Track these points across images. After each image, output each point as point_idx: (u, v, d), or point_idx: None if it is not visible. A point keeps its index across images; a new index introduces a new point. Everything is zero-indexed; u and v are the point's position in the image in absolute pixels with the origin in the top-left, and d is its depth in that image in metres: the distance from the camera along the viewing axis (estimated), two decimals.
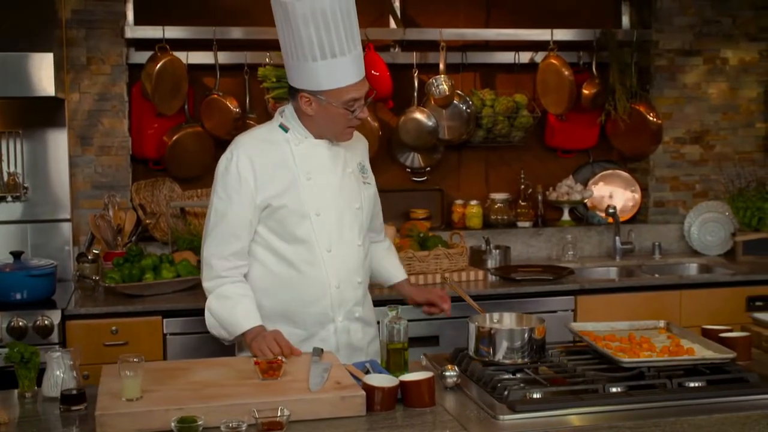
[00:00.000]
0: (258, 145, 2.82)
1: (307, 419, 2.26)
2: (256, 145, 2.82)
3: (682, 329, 2.92)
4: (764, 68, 5.36)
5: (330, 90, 2.73)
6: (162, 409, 2.20)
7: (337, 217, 2.84)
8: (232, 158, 2.79)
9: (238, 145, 2.82)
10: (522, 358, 2.65)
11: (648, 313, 4.23)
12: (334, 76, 2.71)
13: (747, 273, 4.60)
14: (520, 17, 5.21)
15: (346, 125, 2.79)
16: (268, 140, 2.84)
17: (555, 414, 2.29)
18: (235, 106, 4.70)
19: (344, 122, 2.78)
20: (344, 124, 2.79)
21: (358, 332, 2.93)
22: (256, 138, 2.86)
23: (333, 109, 2.75)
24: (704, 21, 5.24)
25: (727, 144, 5.36)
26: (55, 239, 4.41)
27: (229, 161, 2.80)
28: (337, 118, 2.77)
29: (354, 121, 2.79)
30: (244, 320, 2.76)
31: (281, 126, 2.86)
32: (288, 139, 2.84)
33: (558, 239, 5.12)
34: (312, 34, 2.67)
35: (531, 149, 5.31)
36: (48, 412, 2.42)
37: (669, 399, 2.38)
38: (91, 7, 4.50)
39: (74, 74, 4.51)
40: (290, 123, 2.85)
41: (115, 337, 3.82)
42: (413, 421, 2.27)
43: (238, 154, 2.79)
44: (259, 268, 2.87)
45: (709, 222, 5.18)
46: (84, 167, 4.57)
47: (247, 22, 4.84)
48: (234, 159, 2.79)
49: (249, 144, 2.82)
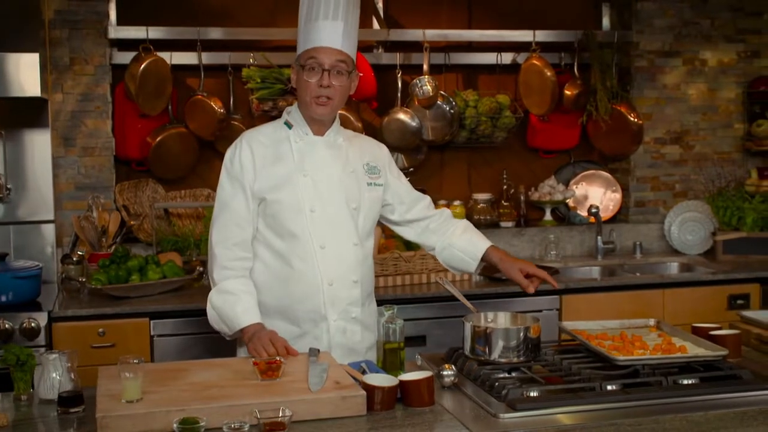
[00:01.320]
0: (261, 139, 2.90)
1: (307, 419, 2.26)
2: (259, 139, 2.90)
3: (673, 327, 2.95)
4: (742, 69, 5.43)
5: (302, 52, 2.83)
6: (163, 411, 2.19)
7: (333, 214, 2.86)
8: (236, 150, 2.88)
9: (243, 137, 2.92)
10: (518, 357, 2.67)
11: (632, 311, 4.29)
12: (308, 38, 2.82)
13: (728, 272, 4.66)
14: (501, 18, 5.24)
15: (312, 95, 2.80)
16: (271, 135, 2.91)
17: (555, 412, 2.31)
18: (219, 106, 4.69)
19: (309, 91, 2.80)
20: (310, 94, 2.80)
21: (356, 334, 2.92)
22: (261, 132, 2.94)
23: (301, 73, 2.82)
24: (683, 23, 5.30)
25: (707, 144, 5.42)
26: (38, 241, 4.38)
27: (233, 153, 2.89)
28: (303, 85, 2.82)
29: (318, 91, 2.79)
30: (243, 316, 2.77)
31: (286, 123, 2.93)
32: (290, 135, 2.90)
33: (540, 239, 5.16)
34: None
35: (513, 150, 5.34)
36: (45, 414, 2.40)
37: (666, 396, 2.40)
38: (74, 7, 4.48)
39: (57, 74, 4.48)
40: (294, 119, 2.91)
41: (102, 339, 3.79)
42: (414, 420, 2.28)
43: (242, 145, 2.88)
44: (257, 264, 2.90)
45: (689, 221, 5.24)
46: (67, 168, 4.54)
47: (230, 22, 4.84)
48: (237, 150, 2.88)
49: (253, 137, 2.91)
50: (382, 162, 3.06)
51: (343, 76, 2.82)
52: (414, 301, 4.16)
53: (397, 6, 5.11)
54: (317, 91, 2.80)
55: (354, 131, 3.18)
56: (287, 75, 4.65)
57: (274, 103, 4.67)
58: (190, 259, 4.38)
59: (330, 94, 2.81)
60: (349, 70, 2.84)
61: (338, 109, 2.91)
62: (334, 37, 2.80)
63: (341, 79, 2.82)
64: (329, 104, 2.84)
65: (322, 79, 2.79)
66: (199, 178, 4.87)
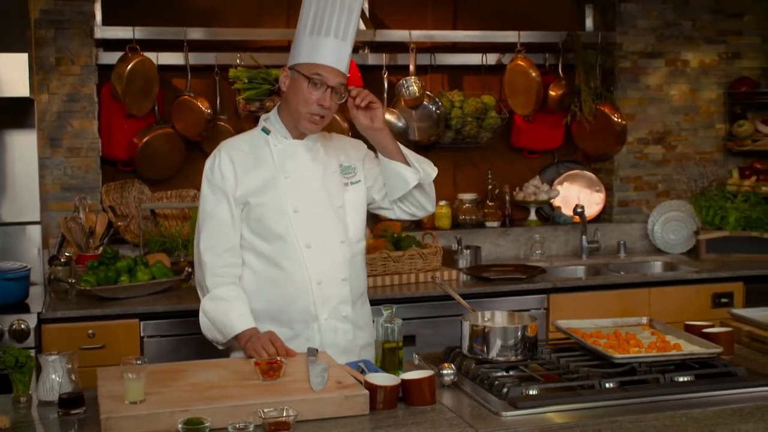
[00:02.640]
0: (239, 146, 2.92)
1: (310, 419, 2.27)
2: (237, 146, 2.92)
3: (666, 325, 2.99)
4: (723, 70, 5.49)
5: (305, 63, 2.81)
6: (167, 411, 2.20)
7: (317, 213, 2.88)
8: (215, 159, 2.90)
9: (221, 146, 2.94)
10: (515, 355, 2.68)
11: (619, 310, 4.34)
12: (314, 52, 2.81)
13: (712, 271, 4.71)
14: (485, 19, 5.27)
15: (308, 110, 2.80)
16: (249, 142, 2.94)
17: (555, 410, 2.33)
18: (206, 107, 4.68)
19: (307, 104, 2.80)
20: (308, 109, 2.80)
21: (348, 333, 2.93)
22: (239, 140, 2.98)
23: (301, 82, 2.80)
24: (666, 24, 5.36)
25: (688, 144, 5.48)
26: (22, 242, 4.33)
27: (212, 163, 2.90)
28: (302, 96, 2.80)
29: (317, 109, 2.80)
30: (237, 322, 2.77)
31: (264, 129, 2.94)
32: (268, 140, 2.92)
33: (526, 239, 5.19)
34: (313, 7, 2.82)
35: (497, 150, 5.37)
36: (45, 416, 2.39)
37: (664, 393, 2.43)
38: (60, 6, 4.44)
39: (43, 75, 4.44)
40: (272, 125, 2.93)
41: (92, 340, 3.78)
42: (417, 419, 2.29)
43: (221, 154, 2.90)
44: (245, 271, 2.90)
45: (672, 221, 5.29)
46: (53, 169, 4.51)
47: (215, 23, 4.83)
48: (216, 160, 2.89)
49: (231, 145, 2.94)
50: (356, 159, 3.05)
51: (338, 96, 2.84)
52: (403, 300, 4.16)
53: (383, 7, 5.12)
54: (316, 108, 2.80)
55: (333, 132, 3.18)
56: (274, 75, 4.63)
57: (261, 103, 4.66)
58: (178, 259, 4.37)
59: (326, 114, 2.83)
60: (346, 91, 2.86)
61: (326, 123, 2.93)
62: (342, 59, 2.82)
63: (337, 98, 2.84)
64: (320, 123, 2.86)
65: (324, 98, 2.79)
66: (185, 178, 4.85)
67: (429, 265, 4.44)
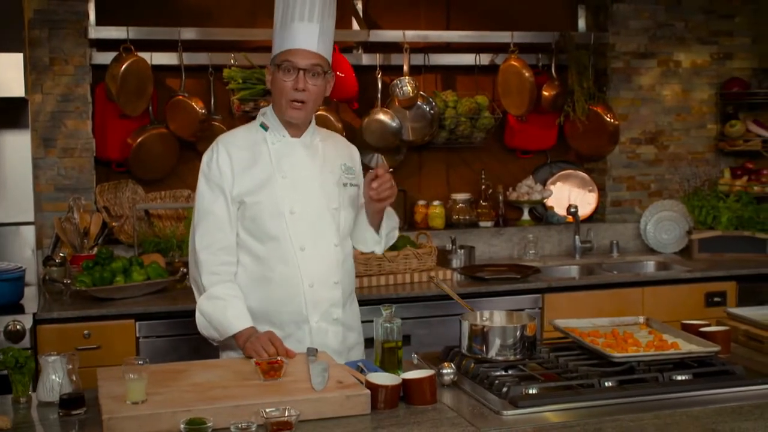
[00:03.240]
0: (236, 142, 2.90)
1: (312, 419, 2.27)
2: (234, 142, 2.90)
3: (662, 324, 3.00)
4: (715, 71, 5.51)
5: (278, 53, 2.84)
6: (169, 412, 2.20)
7: (313, 215, 2.87)
8: (213, 154, 2.88)
9: (218, 142, 2.91)
10: (514, 355, 2.69)
11: (613, 309, 4.36)
12: (284, 40, 2.83)
13: (704, 270, 4.74)
14: (478, 20, 5.28)
15: (287, 97, 2.81)
16: (247, 138, 2.91)
17: (556, 408, 2.34)
18: (200, 107, 4.67)
19: (285, 93, 2.80)
20: (286, 96, 2.81)
21: (337, 335, 2.93)
22: (236, 135, 2.94)
23: (275, 73, 2.82)
24: (658, 24, 5.38)
25: (680, 144, 5.50)
26: (15, 242, 4.30)
27: (210, 158, 2.88)
28: (278, 86, 2.82)
29: (293, 93, 2.80)
30: (235, 321, 2.76)
31: (262, 125, 2.93)
32: (266, 137, 2.90)
33: (519, 238, 5.20)
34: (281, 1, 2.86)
35: (490, 150, 5.38)
36: (45, 417, 2.38)
37: (664, 392, 2.44)
38: (54, 6, 4.43)
39: (36, 75, 4.43)
40: (270, 121, 2.91)
41: (88, 341, 3.77)
42: (419, 418, 2.30)
43: (218, 149, 2.87)
44: (238, 269, 2.89)
45: (664, 221, 5.31)
46: (47, 169, 4.49)
47: (208, 23, 4.82)
48: (214, 155, 2.87)
49: (228, 140, 2.91)
50: (356, 163, 3.08)
51: (318, 78, 2.83)
52: (398, 300, 4.16)
53: (376, 7, 5.13)
54: (292, 94, 2.80)
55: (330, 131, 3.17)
56: None
57: (256, 103, 4.66)
58: (173, 260, 4.36)
59: (305, 98, 2.81)
60: (324, 71, 2.84)
61: (313, 111, 2.92)
62: (310, 38, 2.81)
63: (316, 80, 2.82)
64: (304, 108, 2.84)
65: (297, 81, 2.79)
66: (178, 178, 4.85)
67: (424, 265, 4.45)
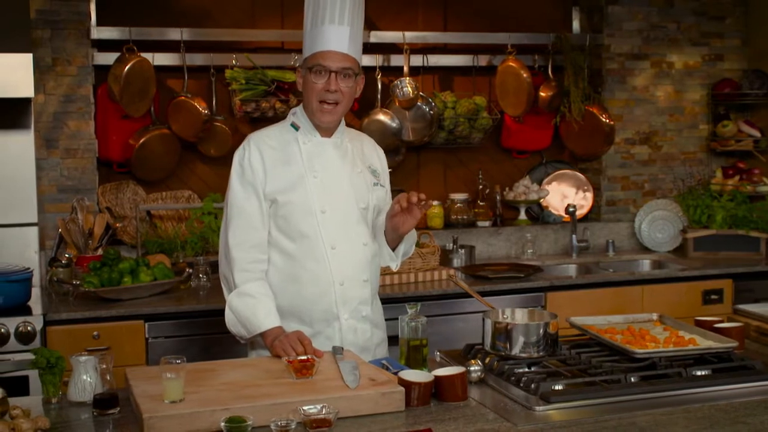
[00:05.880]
0: (268, 141, 2.91)
1: (348, 416, 2.30)
2: (266, 141, 2.91)
3: (676, 321, 3.06)
4: (706, 72, 5.59)
5: (309, 56, 2.87)
6: (208, 410, 2.21)
7: (343, 215, 2.90)
8: (245, 153, 2.90)
9: (250, 140, 2.93)
10: (537, 352, 2.73)
11: (613, 307, 4.43)
12: (315, 43, 2.86)
13: (701, 268, 4.81)
14: (474, 21, 5.32)
15: (318, 98, 2.83)
16: (278, 137, 2.93)
17: (587, 403, 2.38)
18: (203, 107, 4.67)
19: (316, 95, 2.83)
20: (317, 97, 2.84)
21: (366, 332, 2.96)
22: (267, 135, 2.95)
23: (306, 75, 2.86)
24: (651, 26, 5.45)
25: (673, 145, 5.58)
26: (19, 244, 4.28)
27: (242, 156, 2.90)
28: (309, 88, 2.85)
29: (325, 95, 2.83)
30: (264, 320, 2.79)
31: (293, 125, 2.95)
32: (297, 137, 2.92)
33: (517, 238, 5.25)
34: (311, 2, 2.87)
35: (487, 150, 5.43)
36: (78, 417, 2.38)
37: (689, 386, 2.49)
38: (56, 7, 4.41)
39: (39, 75, 4.40)
40: (300, 121, 2.94)
41: (97, 342, 3.75)
42: (453, 414, 2.33)
43: (250, 148, 2.89)
44: (269, 267, 2.91)
45: (658, 220, 5.38)
46: (49, 170, 4.47)
47: (207, 24, 4.83)
48: (246, 153, 2.89)
49: (260, 139, 2.92)
50: (382, 165, 3.11)
51: (350, 79, 2.86)
52: (403, 300, 4.17)
53: (374, 9, 5.13)
54: (323, 95, 2.83)
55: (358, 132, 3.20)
56: (271, 76, 4.67)
57: (257, 104, 4.68)
58: (177, 260, 4.36)
59: (336, 99, 2.84)
60: (355, 73, 2.88)
61: (344, 113, 2.95)
62: (341, 41, 2.84)
63: (348, 82, 2.86)
64: (335, 111, 2.87)
65: (329, 83, 2.82)
66: (178, 179, 4.84)
67: (427, 265, 4.48)
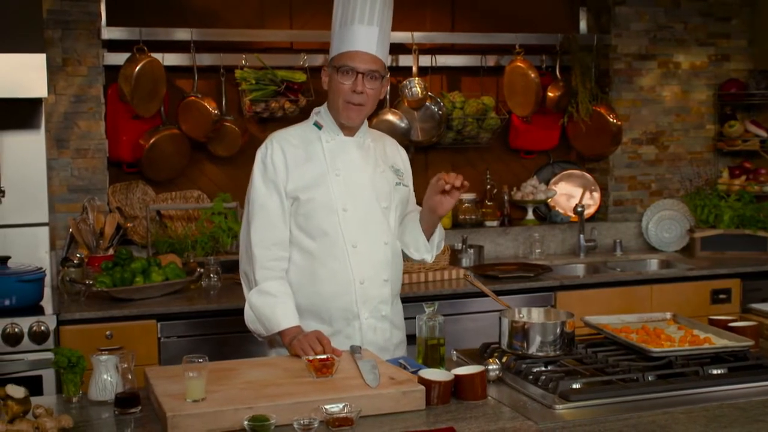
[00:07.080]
0: (291, 139, 2.93)
1: (369, 415, 2.31)
2: (288, 139, 2.93)
3: (690, 320, 3.07)
4: (713, 72, 5.61)
5: (336, 55, 2.87)
6: (231, 409, 2.22)
7: (365, 213, 2.91)
8: (267, 151, 2.91)
9: (273, 138, 2.94)
10: (554, 351, 2.74)
11: (622, 306, 4.45)
12: (343, 42, 2.86)
13: (709, 268, 4.82)
14: (482, 21, 5.33)
15: (344, 99, 2.84)
16: (301, 136, 2.94)
17: (607, 402, 2.40)
18: (213, 107, 4.67)
19: (342, 95, 2.84)
20: (343, 98, 2.84)
21: (386, 332, 2.97)
22: (290, 132, 2.96)
23: (333, 75, 2.86)
24: (658, 27, 5.47)
25: (680, 144, 5.60)
26: (29, 244, 4.27)
27: (264, 154, 2.91)
28: (335, 87, 2.86)
29: (351, 96, 2.83)
30: (283, 319, 2.80)
31: (315, 124, 2.96)
32: (320, 136, 2.93)
33: (524, 238, 5.26)
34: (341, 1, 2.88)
35: (494, 151, 5.44)
36: (100, 416, 2.39)
37: (707, 385, 2.50)
38: (67, 7, 4.42)
39: (50, 75, 4.36)
40: (323, 120, 2.95)
41: (110, 341, 3.76)
42: (474, 412, 2.34)
43: (272, 146, 2.90)
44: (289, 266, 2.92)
45: (665, 220, 5.40)
46: (60, 170, 4.48)
47: (217, 24, 4.84)
48: (269, 151, 2.90)
49: (282, 136, 2.94)
50: (405, 165, 3.13)
51: (376, 81, 2.87)
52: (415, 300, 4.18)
53: None
54: (350, 96, 2.84)
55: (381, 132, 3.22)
56: (280, 77, 4.68)
57: (267, 104, 4.69)
58: (188, 260, 4.37)
59: (362, 100, 2.85)
60: (382, 75, 2.89)
61: (368, 114, 2.96)
62: (370, 42, 2.84)
63: (374, 83, 2.87)
64: (361, 110, 2.88)
65: (356, 84, 2.83)
66: (188, 179, 4.85)
67: (437, 264, 4.49)
